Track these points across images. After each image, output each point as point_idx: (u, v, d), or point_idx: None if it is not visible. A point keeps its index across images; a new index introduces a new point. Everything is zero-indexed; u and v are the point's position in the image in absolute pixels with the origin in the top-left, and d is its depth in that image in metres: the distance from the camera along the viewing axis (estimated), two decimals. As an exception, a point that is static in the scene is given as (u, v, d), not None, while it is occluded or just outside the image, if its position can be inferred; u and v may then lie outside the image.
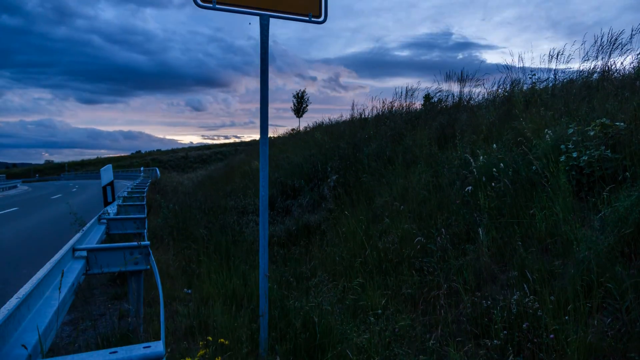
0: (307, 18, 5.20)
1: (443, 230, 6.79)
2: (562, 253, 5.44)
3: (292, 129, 28.65)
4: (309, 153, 16.12)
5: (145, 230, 8.01)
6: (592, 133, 6.52)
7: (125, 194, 16.03)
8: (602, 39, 10.25)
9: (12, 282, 8.14)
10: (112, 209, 8.74)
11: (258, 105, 5.04)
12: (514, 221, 6.46)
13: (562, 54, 11.09)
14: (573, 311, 4.54)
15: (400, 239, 7.53)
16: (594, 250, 4.88)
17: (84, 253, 4.97)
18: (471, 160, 7.55)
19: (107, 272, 5.12)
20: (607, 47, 10.05)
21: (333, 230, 9.49)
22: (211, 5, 4.69)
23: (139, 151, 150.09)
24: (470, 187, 6.99)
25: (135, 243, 5.21)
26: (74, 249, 4.95)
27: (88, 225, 7.27)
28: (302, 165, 15.18)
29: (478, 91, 13.97)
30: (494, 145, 8.20)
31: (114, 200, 8.76)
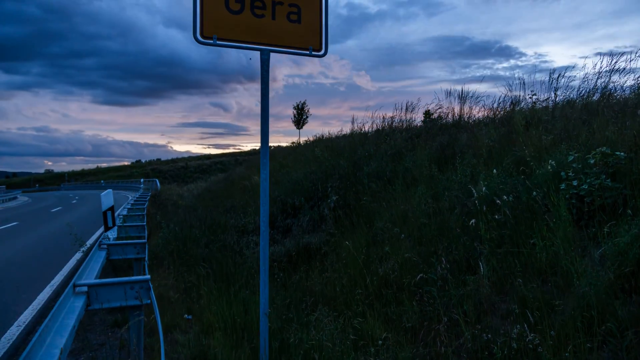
0: (308, 52, 5.25)
1: (443, 259, 6.79)
2: (562, 286, 5.45)
3: (292, 142, 28.72)
4: (309, 170, 16.14)
5: (146, 255, 8.02)
6: (592, 161, 6.55)
7: (125, 211, 16.05)
8: (602, 61, 10.37)
9: (13, 308, 8.15)
10: (112, 234, 8.79)
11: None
12: (514, 250, 6.47)
13: (562, 75, 11.19)
14: (573, 348, 4.54)
15: (401, 266, 7.54)
16: (594, 285, 4.89)
17: (85, 289, 4.98)
18: (473, 190, 7.56)
19: (107, 307, 5.12)
20: (607, 70, 10.15)
21: (333, 254, 9.50)
22: (212, 41, 4.73)
23: (139, 160, 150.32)
24: (473, 221, 6.99)
25: (135, 277, 5.22)
26: (74, 285, 4.95)
27: (90, 243, 7.28)
28: (302, 182, 15.19)
29: (479, 108, 14.08)
30: (494, 170, 8.22)
31: (114, 225, 8.79)
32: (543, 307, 5.21)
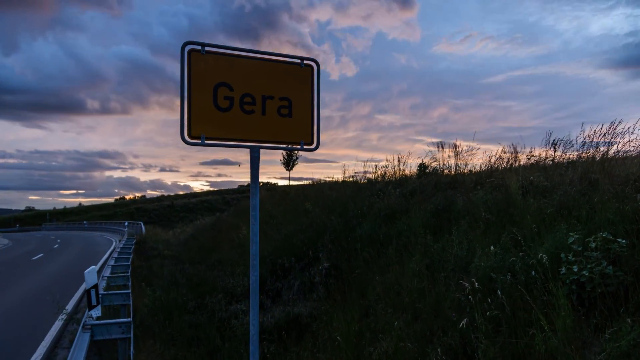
0: (299, 146, 5.24)
1: (439, 349, 6.76)
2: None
3: (284, 190, 28.67)
4: (299, 225, 16.13)
5: (131, 336, 7.95)
6: (593, 245, 6.54)
7: (109, 270, 15.94)
8: (602, 127, 10.48)
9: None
10: (96, 312, 8.70)
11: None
12: (512, 341, 6.43)
13: (562, 140, 11.36)
14: None
15: (395, 351, 7.49)
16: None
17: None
18: (466, 285, 7.50)
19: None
20: (608, 135, 10.28)
21: (325, 330, 9.43)
22: (200, 141, 4.71)
23: (123, 198, 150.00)
24: (465, 320, 6.95)
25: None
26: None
27: (72, 306, 7.17)
28: (292, 238, 15.16)
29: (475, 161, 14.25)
30: (492, 247, 8.21)
31: (98, 304, 8.70)
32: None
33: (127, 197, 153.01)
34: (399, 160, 17.80)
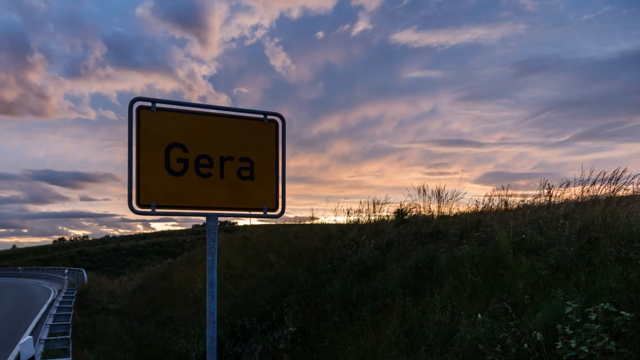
0: (262, 213, 5.13)
1: None
2: None
3: (244, 235, 28.35)
4: (261, 280, 15.90)
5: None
6: (593, 317, 6.46)
7: (46, 331, 15.62)
8: (604, 174, 10.58)
9: None
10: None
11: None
12: None
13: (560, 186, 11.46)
14: None
15: None
16: None
17: None
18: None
19: None
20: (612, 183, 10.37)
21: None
22: (149, 210, 4.58)
23: (63, 239, 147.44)
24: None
25: None
26: None
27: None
28: (253, 294, 14.94)
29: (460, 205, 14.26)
30: (479, 315, 8.10)
31: (35, 379, 8.52)
32: None
33: (67, 238, 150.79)
34: (374, 205, 17.72)
